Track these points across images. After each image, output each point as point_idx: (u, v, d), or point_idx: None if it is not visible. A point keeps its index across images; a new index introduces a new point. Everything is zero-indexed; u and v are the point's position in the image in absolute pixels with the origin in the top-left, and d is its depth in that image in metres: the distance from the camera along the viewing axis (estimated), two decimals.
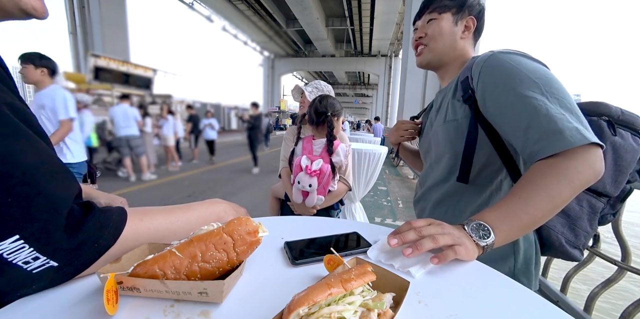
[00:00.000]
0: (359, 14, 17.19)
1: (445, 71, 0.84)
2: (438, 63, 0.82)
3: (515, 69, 0.60)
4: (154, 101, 12.30)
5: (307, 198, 1.29)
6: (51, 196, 0.34)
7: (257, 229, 0.43)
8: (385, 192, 4.70)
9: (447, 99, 0.78)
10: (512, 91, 0.59)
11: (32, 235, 0.33)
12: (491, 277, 0.48)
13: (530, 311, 0.41)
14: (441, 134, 0.76)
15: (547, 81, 0.57)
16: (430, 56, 0.81)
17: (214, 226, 0.44)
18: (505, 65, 0.62)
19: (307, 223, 0.74)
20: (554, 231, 0.69)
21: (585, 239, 0.71)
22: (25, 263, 0.33)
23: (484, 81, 0.64)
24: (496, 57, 0.64)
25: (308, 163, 1.24)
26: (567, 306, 1.39)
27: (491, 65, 0.64)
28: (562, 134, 0.51)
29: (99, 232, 0.39)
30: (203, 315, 0.35)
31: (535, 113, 0.55)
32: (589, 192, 0.69)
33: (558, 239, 0.69)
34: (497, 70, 0.63)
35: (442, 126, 0.76)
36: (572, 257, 0.71)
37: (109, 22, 11.26)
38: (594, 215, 0.70)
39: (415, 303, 0.40)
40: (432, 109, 0.89)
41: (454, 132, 0.72)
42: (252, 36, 22.75)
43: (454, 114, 0.73)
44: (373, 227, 0.70)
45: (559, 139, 0.51)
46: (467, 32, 0.79)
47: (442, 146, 0.76)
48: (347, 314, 0.31)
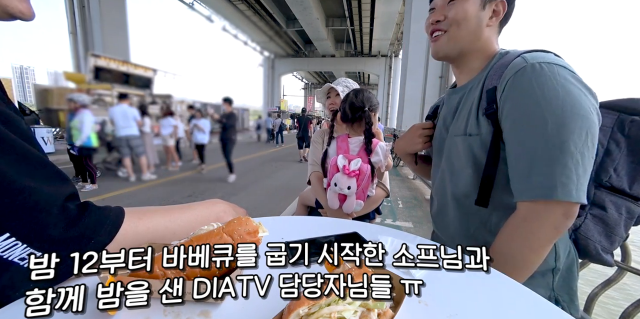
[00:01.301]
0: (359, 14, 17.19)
1: (464, 65, 0.72)
2: (457, 54, 0.70)
3: (534, 98, 0.55)
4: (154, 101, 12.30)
5: (345, 203, 1.12)
6: (36, 194, 0.35)
7: (257, 229, 0.43)
8: None
9: (468, 104, 0.69)
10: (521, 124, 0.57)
11: (23, 232, 0.34)
12: (491, 277, 0.48)
13: (530, 311, 0.41)
14: (462, 147, 0.69)
15: (560, 118, 0.53)
16: (450, 46, 0.69)
17: (214, 226, 0.45)
18: (529, 90, 0.56)
19: (307, 223, 0.74)
20: (591, 240, 0.67)
21: (619, 244, 0.69)
22: (22, 259, 0.34)
23: (506, 102, 0.59)
24: (524, 76, 0.57)
25: (345, 162, 1.09)
26: None
27: (516, 84, 0.58)
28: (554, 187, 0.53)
29: (95, 229, 0.39)
30: (203, 315, 0.35)
31: (530, 155, 0.55)
32: (628, 198, 0.67)
33: (595, 248, 0.67)
34: (518, 94, 0.57)
35: (462, 138, 0.68)
36: (606, 262, 0.69)
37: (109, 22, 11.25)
38: (630, 220, 0.68)
39: (415, 303, 0.40)
40: (446, 110, 0.78)
41: (476, 148, 0.65)
42: (252, 36, 22.74)
43: (477, 128, 0.65)
44: (373, 228, 0.70)
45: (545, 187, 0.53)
46: (494, 18, 0.67)
47: (464, 160, 0.68)
48: (347, 314, 0.31)
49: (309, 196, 1.45)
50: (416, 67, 8.08)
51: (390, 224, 3.12)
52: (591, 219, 0.67)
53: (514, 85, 0.58)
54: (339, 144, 1.20)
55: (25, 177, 0.35)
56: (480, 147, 0.65)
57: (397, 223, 3.20)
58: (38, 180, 0.36)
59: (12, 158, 0.35)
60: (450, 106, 0.76)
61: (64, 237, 0.37)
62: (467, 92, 0.71)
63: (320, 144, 1.38)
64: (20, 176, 0.35)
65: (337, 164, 1.09)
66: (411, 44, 8.11)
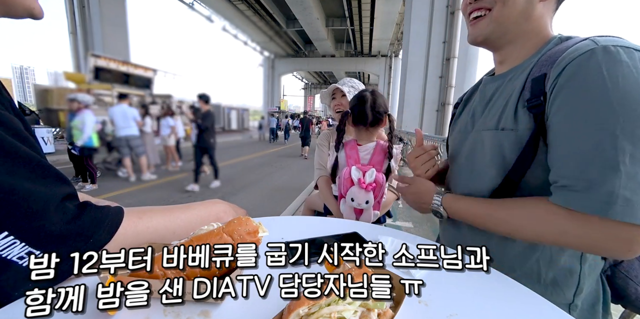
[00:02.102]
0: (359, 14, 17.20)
1: (509, 51, 0.59)
2: (501, 39, 0.58)
3: (603, 88, 0.42)
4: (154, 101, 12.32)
5: (363, 216, 1.08)
6: (32, 194, 0.35)
7: (257, 229, 0.43)
8: None
9: (506, 94, 0.57)
10: (578, 115, 0.44)
11: (20, 230, 0.34)
12: (491, 277, 0.48)
13: (531, 311, 0.41)
14: (488, 143, 0.58)
15: (632, 117, 0.41)
16: (492, 28, 0.56)
17: (214, 226, 0.45)
18: (594, 76, 0.43)
19: (307, 223, 0.74)
20: (633, 281, 0.55)
21: None
22: (20, 258, 0.34)
23: (562, 88, 0.46)
24: (593, 59, 0.43)
25: (360, 175, 1.02)
26: None
27: (579, 68, 0.45)
28: (610, 202, 0.40)
29: (94, 228, 0.40)
30: (203, 315, 0.35)
31: (586, 148, 0.43)
32: None
33: (636, 292, 0.55)
34: (581, 78, 0.44)
35: (493, 133, 0.57)
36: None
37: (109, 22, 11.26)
38: None
39: (415, 303, 0.40)
40: (478, 99, 0.66)
41: (508, 146, 0.54)
42: (252, 36, 22.75)
43: (513, 122, 0.54)
44: (373, 228, 0.70)
45: (583, 196, 0.42)
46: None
47: (489, 158, 0.58)
48: (347, 314, 0.31)
49: (316, 201, 1.40)
50: (416, 67, 8.08)
51: (390, 224, 3.11)
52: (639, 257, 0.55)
53: (575, 71, 0.45)
54: (348, 152, 1.12)
55: (21, 179, 0.35)
56: (513, 145, 0.53)
57: (397, 223, 3.19)
58: (34, 181, 0.36)
59: (7, 160, 0.35)
60: (484, 97, 0.64)
61: (63, 235, 0.37)
62: (506, 81, 0.59)
63: (326, 147, 1.33)
64: (16, 178, 0.35)
65: (352, 177, 1.02)
66: (411, 44, 8.11)
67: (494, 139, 0.57)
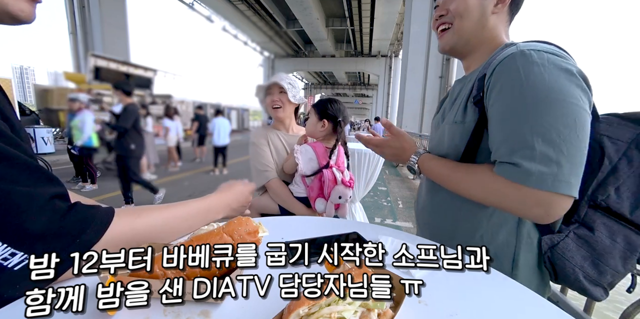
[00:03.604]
0: (359, 14, 17.18)
1: (472, 58, 0.71)
2: (464, 47, 0.70)
3: (518, 83, 0.53)
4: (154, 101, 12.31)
5: (340, 210, 1.21)
6: (12, 196, 0.35)
7: (257, 229, 0.43)
8: (385, 193, 4.69)
9: (463, 93, 0.68)
10: (504, 107, 0.55)
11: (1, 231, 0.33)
12: (491, 277, 0.48)
13: (530, 311, 0.41)
14: (447, 134, 0.69)
15: (545, 104, 0.51)
16: (456, 39, 0.68)
17: (214, 226, 0.45)
18: (513, 74, 0.54)
19: (307, 223, 0.74)
20: (570, 262, 0.60)
21: (614, 279, 0.59)
22: (4, 259, 0.34)
23: (491, 85, 0.57)
24: (512, 61, 0.55)
25: (340, 175, 1.16)
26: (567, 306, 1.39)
27: (503, 69, 0.56)
28: (518, 166, 0.51)
29: (80, 228, 0.39)
30: (203, 315, 0.35)
31: (511, 134, 0.53)
32: (629, 225, 0.58)
33: (574, 273, 0.59)
34: (503, 77, 0.55)
35: (450, 126, 0.69)
36: (590, 295, 0.60)
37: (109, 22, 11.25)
38: (630, 253, 0.58)
39: (415, 303, 0.40)
40: (448, 100, 0.78)
41: (458, 136, 0.65)
42: (252, 36, 22.74)
43: (462, 116, 0.65)
44: (373, 228, 0.70)
45: (512, 169, 0.52)
46: (500, 4, 0.65)
47: (446, 147, 0.69)
48: (347, 314, 0.31)
49: (266, 203, 1.28)
50: (416, 67, 8.08)
51: (390, 224, 3.12)
52: (574, 239, 0.61)
53: (501, 70, 0.56)
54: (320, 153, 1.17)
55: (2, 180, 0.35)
56: (461, 135, 0.64)
57: (397, 223, 3.20)
58: (17, 182, 0.36)
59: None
60: (452, 96, 0.76)
61: (46, 235, 0.36)
62: (466, 82, 0.70)
63: (266, 146, 1.26)
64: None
65: (336, 177, 1.14)
66: (411, 44, 8.12)
67: (449, 131, 0.68)
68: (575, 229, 0.61)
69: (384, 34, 19.20)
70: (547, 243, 0.62)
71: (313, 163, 1.17)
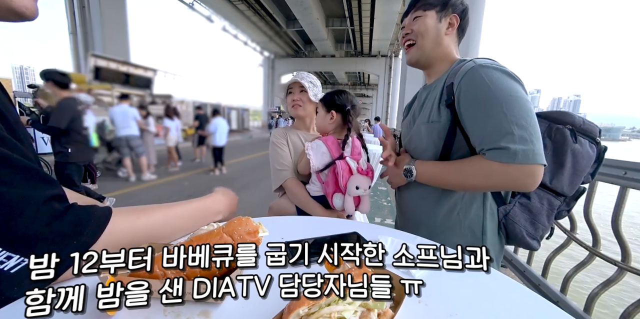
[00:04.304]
0: (359, 14, 17.17)
1: (432, 69, 0.90)
2: (426, 61, 0.88)
3: (486, 87, 0.69)
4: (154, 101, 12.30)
5: (362, 204, 1.12)
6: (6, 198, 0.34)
7: (257, 229, 0.43)
8: (385, 193, 4.69)
9: (432, 98, 0.84)
10: (479, 106, 0.69)
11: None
12: (491, 277, 0.48)
13: (531, 311, 0.41)
14: (424, 132, 0.83)
15: (510, 100, 0.66)
16: (419, 53, 0.87)
17: (214, 226, 0.45)
18: (479, 81, 0.70)
19: (307, 223, 0.74)
20: (517, 225, 0.80)
21: (543, 232, 0.83)
22: (0, 262, 0.33)
23: (461, 91, 0.73)
24: (476, 72, 0.71)
25: (355, 164, 1.09)
26: (567, 306, 1.39)
27: (469, 78, 0.72)
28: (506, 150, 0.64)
29: (77, 230, 0.38)
30: (203, 315, 0.35)
31: (493, 126, 0.67)
32: (549, 191, 0.81)
33: (521, 232, 0.80)
34: (472, 84, 0.71)
35: (425, 125, 0.82)
36: (530, 247, 0.82)
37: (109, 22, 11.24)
38: (551, 211, 0.82)
39: (415, 303, 0.40)
40: (416, 104, 0.94)
41: (436, 133, 0.80)
42: (252, 36, 22.73)
43: (438, 116, 0.80)
44: (373, 228, 0.70)
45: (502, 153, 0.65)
46: (450, 28, 0.84)
47: (425, 144, 0.83)
48: (347, 314, 0.31)
49: (285, 205, 1.26)
50: None
51: (390, 224, 3.11)
52: (519, 207, 0.82)
53: (464, 79, 0.72)
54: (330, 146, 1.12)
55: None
56: (439, 131, 0.79)
57: None
58: (12, 185, 0.35)
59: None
60: (420, 101, 0.92)
61: (41, 238, 0.36)
62: (432, 89, 0.86)
63: (285, 146, 1.24)
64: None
65: (351, 167, 1.06)
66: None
67: (426, 130, 0.82)
68: (519, 199, 0.82)
69: (384, 34, 19.19)
70: (502, 212, 0.82)
71: (326, 157, 1.11)
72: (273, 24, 20.42)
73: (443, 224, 0.83)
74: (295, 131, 1.29)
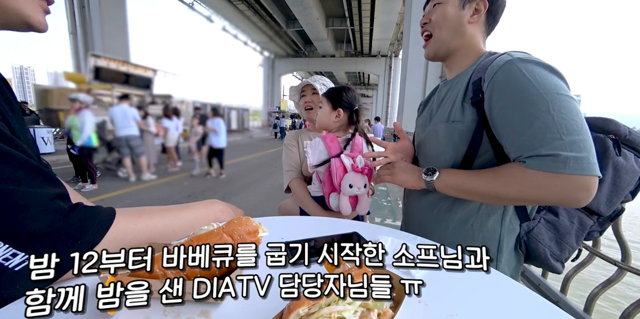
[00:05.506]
0: (359, 14, 17.18)
1: (453, 62, 0.78)
2: (445, 53, 0.77)
3: (528, 83, 0.57)
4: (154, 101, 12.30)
5: (360, 204, 1.05)
6: (14, 196, 0.35)
7: (257, 229, 0.43)
8: (385, 193, 4.69)
9: (454, 95, 0.73)
10: (519, 106, 0.58)
11: (2, 232, 0.33)
12: (491, 277, 0.48)
13: (531, 311, 0.41)
14: (443, 133, 0.73)
15: (558, 99, 0.55)
16: (436, 46, 0.76)
17: (214, 226, 0.45)
18: (519, 76, 0.59)
19: (307, 223, 0.74)
20: (541, 244, 0.70)
21: (569, 254, 0.72)
22: (5, 259, 0.34)
23: (494, 88, 0.62)
24: (513, 65, 0.60)
25: (351, 161, 1.01)
26: (567, 306, 1.39)
27: (506, 73, 0.61)
28: (554, 157, 0.53)
29: (82, 229, 0.39)
30: (203, 315, 0.35)
31: (536, 129, 0.56)
32: (581, 209, 0.71)
33: (544, 253, 0.70)
34: (510, 80, 0.60)
35: (445, 124, 0.72)
36: (553, 269, 0.72)
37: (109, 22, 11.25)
38: (582, 232, 0.71)
39: (415, 303, 0.40)
40: (434, 100, 0.83)
41: (457, 134, 0.70)
42: (252, 36, 22.74)
43: (461, 115, 0.69)
44: (373, 227, 0.70)
45: (549, 160, 0.54)
46: (476, 15, 0.72)
47: (443, 145, 0.73)
48: (347, 314, 0.31)
49: (291, 207, 1.28)
50: (416, 67, 8.07)
51: (390, 224, 3.12)
52: (544, 224, 0.71)
53: (499, 74, 0.62)
54: (329, 144, 1.07)
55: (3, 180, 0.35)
56: (461, 132, 0.69)
57: (397, 223, 3.19)
58: (18, 183, 0.36)
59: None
60: (439, 97, 0.81)
61: (48, 236, 0.36)
62: (454, 85, 0.75)
63: (295, 147, 1.25)
64: None
65: (345, 164, 0.99)
66: (411, 44, 8.11)
67: (446, 130, 0.72)
68: (544, 215, 0.72)
69: (384, 34, 19.20)
70: (525, 229, 0.71)
71: (323, 155, 1.07)
72: (273, 24, 20.43)
73: (454, 234, 0.74)
74: (308, 133, 1.29)
